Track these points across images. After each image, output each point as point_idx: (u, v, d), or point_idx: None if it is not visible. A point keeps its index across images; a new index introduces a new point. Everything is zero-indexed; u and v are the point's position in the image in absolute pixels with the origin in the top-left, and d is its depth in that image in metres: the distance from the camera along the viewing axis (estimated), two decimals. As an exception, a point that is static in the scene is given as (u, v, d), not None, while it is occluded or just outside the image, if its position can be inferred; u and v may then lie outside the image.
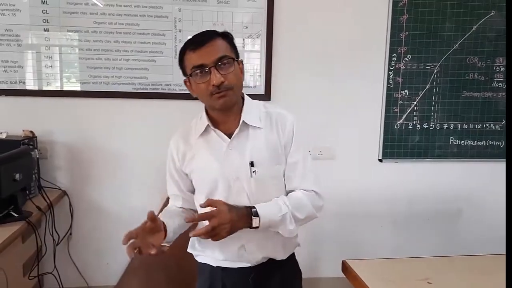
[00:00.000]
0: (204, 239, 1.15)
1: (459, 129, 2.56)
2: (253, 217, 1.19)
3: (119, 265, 2.39)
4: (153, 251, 1.11)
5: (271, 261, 1.36)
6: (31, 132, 2.14)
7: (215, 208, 1.15)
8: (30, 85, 2.23)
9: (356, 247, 2.54)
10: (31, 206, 1.92)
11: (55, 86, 2.25)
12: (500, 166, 2.62)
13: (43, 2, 2.17)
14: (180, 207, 1.44)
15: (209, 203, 1.16)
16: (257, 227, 1.20)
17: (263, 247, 1.33)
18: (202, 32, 1.27)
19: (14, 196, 1.76)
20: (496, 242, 2.64)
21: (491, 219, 2.68)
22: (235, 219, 1.16)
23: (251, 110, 1.32)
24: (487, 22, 2.46)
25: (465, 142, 2.57)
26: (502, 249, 1.67)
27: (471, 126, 2.57)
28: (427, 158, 2.55)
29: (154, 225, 1.17)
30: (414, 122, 2.51)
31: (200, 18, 2.28)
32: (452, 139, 2.56)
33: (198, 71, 1.21)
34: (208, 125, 1.31)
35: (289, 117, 1.35)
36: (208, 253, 1.40)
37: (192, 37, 1.26)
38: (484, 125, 2.58)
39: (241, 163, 1.28)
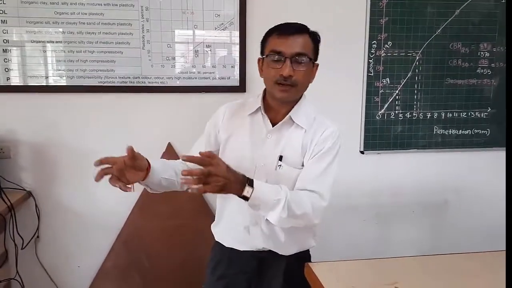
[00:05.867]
0: (194, 184, 1.08)
1: (443, 118, 2.46)
2: (247, 185, 1.17)
3: (91, 267, 2.28)
4: (117, 184, 1.13)
5: (273, 254, 1.42)
6: (-11, 130, 2.02)
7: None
8: (-11, 81, 2.10)
9: (338, 242, 2.45)
10: (-12, 209, 1.81)
11: (15, 81, 2.12)
12: (486, 155, 2.55)
13: (-1, -8, 2.04)
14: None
15: (210, 154, 1.12)
16: (247, 198, 1.17)
17: (267, 236, 1.38)
18: (295, 23, 1.34)
19: (-34, 199, 1.65)
20: (484, 235, 2.58)
21: (478, 210, 2.61)
22: (231, 179, 1.13)
23: (303, 109, 1.38)
24: (470, 5, 2.35)
25: (450, 131, 2.48)
26: (491, 242, 1.60)
27: (455, 114, 2.47)
28: (411, 149, 2.46)
29: (133, 162, 1.16)
30: (396, 111, 2.42)
31: (168, 6, 2.15)
32: (436, 129, 2.47)
33: (274, 56, 1.28)
34: (259, 108, 1.38)
35: (330, 127, 1.38)
36: (221, 230, 1.50)
37: (285, 23, 1.34)
38: (469, 114, 2.49)
39: (271, 153, 1.34)
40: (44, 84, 2.14)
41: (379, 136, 2.42)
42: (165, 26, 2.17)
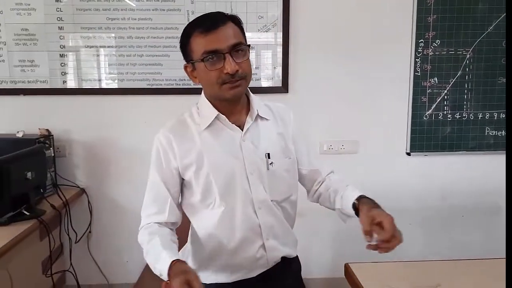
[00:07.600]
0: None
1: (495, 118, 2.36)
2: None
3: (138, 262, 2.36)
4: None
5: (283, 261, 1.30)
6: (47, 130, 2.15)
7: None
8: (47, 84, 2.23)
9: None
10: (46, 205, 1.93)
11: (71, 84, 2.25)
12: (543, 158, 2.40)
13: (57, 0, 2.16)
14: (163, 222, 1.26)
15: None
16: None
17: (281, 244, 1.27)
18: (212, 13, 1.18)
19: (26, 194, 1.76)
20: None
21: (534, 216, 2.46)
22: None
23: (255, 101, 1.26)
24: (525, 0, 2.24)
25: (503, 132, 2.37)
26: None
27: (509, 115, 2.36)
28: (460, 151, 2.37)
29: None
30: (445, 112, 2.34)
31: (213, 9, 2.18)
32: (488, 130, 2.37)
33: (210, 57, 1.11)
34: (217, 115, 1.20)
35: (287, 108, 1.34)
36: (216, 270, 1.27)
37: (200, 18, 1.16)
38: (525, 114, 2.36)
39: (257, 155, 1.21)
40: (97, 87, 2.26)
41: (426, 137, 2.35)
42: (210, 29, 2.22)
